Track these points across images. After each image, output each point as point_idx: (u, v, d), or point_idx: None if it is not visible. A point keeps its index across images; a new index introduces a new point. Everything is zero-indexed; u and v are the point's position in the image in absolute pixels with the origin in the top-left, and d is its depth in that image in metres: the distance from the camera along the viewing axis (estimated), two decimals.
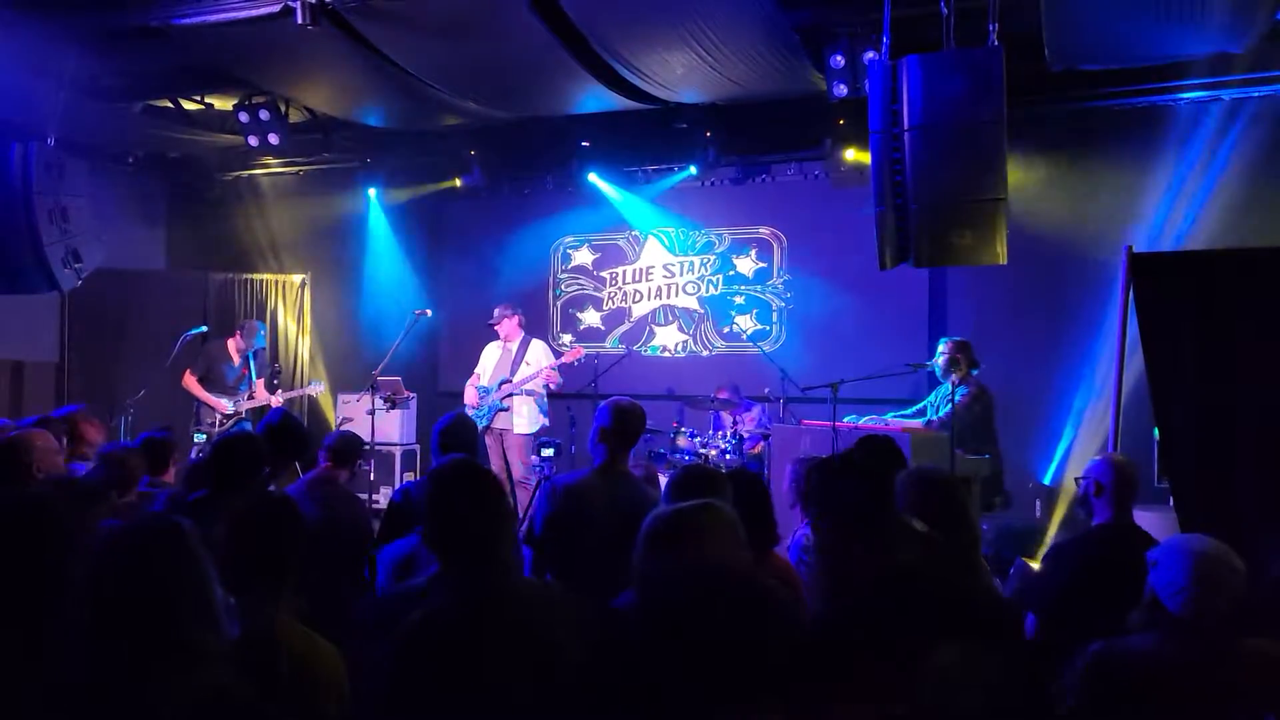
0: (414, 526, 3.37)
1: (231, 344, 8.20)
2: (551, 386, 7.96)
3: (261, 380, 8.26)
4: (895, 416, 6.60)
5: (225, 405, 7.98)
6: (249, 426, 7.51)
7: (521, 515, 6.40)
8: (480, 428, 7.77)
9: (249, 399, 8.12)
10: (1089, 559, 3.46)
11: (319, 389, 8.56)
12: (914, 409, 6.74)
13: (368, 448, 7.79)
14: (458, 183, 9.77)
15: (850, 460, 3.69)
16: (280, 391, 8.35)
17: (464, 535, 2.40)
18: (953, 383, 6.15)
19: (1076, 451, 7.36)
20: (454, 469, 2.54)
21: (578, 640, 2.25)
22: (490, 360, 8.12)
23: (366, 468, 8.37)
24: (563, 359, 7.98)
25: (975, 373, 6.35)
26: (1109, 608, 2.99)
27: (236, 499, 3.35)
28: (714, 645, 1.45)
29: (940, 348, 6.49)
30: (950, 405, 6.10)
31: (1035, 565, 4.47)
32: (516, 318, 8.10)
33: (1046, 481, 7.64)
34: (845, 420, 6.38)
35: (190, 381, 8.04)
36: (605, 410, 3.81)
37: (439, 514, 2.44)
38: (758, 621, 1.49)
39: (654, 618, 1.53)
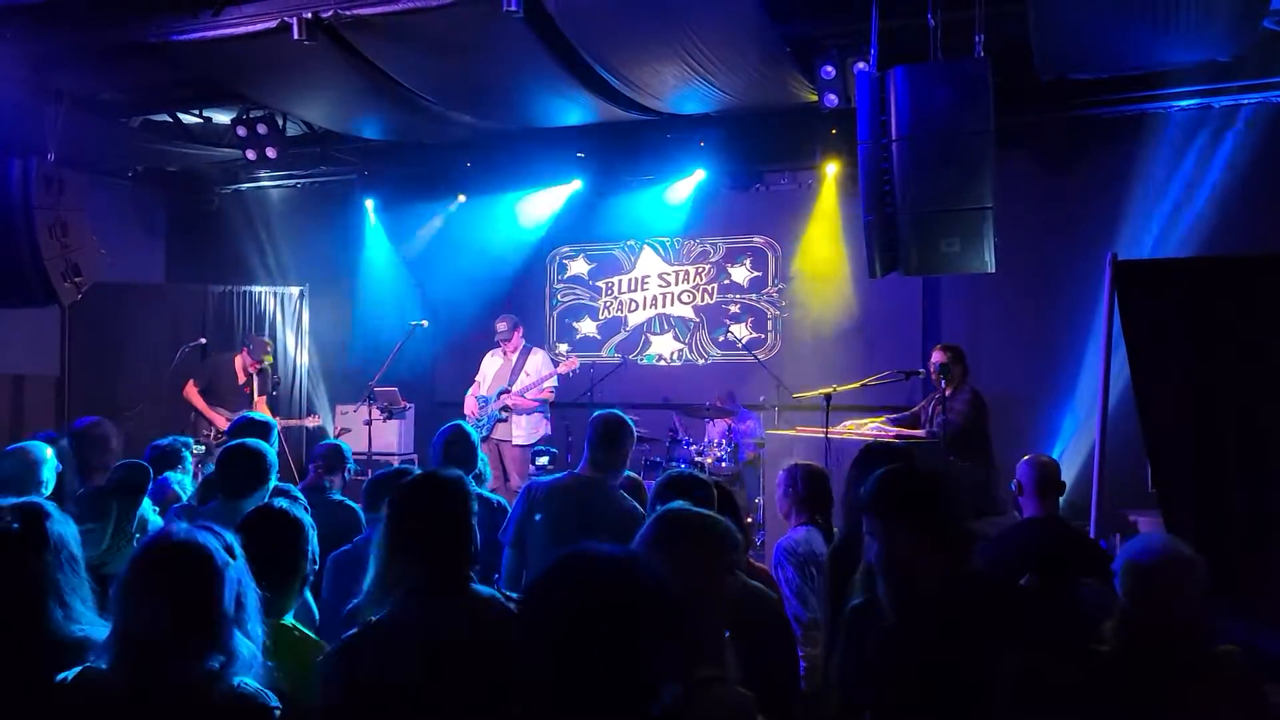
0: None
1: (239, 361, 8.22)
2: (549, 397, 8.04)
3: (264, 399, 8.28)
4: (890, 423, 6.63)
5: (224, 420, 8.02)
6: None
7: None
8: (479, 437, 7.81)
9: None
10: (1020, 548, 3.73)
11: (317, 421, 8.57)
12: (909, 414, 6.78)
13: (364, 457, 7.88)
14: (461, 198, 9.86)
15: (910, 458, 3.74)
16: (279, 419, 8.36)
17: (412, 546, 2.38)
18: (946, 390, 6.18)
19: (1069, 456, 7.38)
20: (417, 480, 2.53)
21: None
22: (490, 370, 8.20)
23: (363, 477, 8.41)
24: (557, 369, 8.08)
25: (968, 379, 6.40)
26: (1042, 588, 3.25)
27: (246, 507, 3.40)
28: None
29: (934, 355, 6.54)
30: (944, 412, 6.14)
31: None
32: (520, 329, 8.21)
33: None
34: (840, 427, 6.42)
35: (192, 392, 8.08)
36: (591, 420, 4.07)
37: (392, 522, 2.44)
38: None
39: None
